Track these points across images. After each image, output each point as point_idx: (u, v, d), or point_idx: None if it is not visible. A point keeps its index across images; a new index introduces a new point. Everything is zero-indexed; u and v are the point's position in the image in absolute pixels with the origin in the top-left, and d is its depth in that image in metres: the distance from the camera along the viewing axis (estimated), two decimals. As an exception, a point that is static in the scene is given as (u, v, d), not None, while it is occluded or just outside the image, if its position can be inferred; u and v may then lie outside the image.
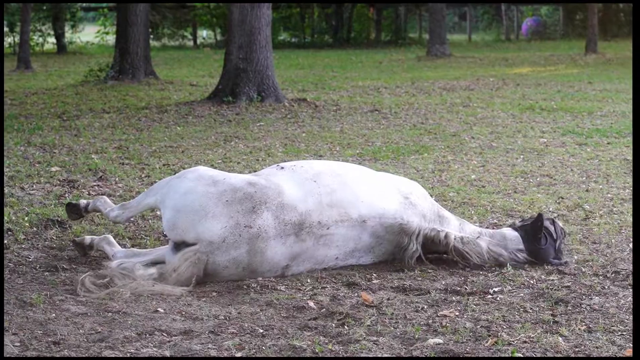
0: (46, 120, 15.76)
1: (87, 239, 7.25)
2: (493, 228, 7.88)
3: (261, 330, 5.53)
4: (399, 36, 49.95)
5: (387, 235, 6.93)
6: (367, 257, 6.97)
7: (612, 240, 7.67)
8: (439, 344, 5.26)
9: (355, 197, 6.85)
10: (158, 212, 7.82)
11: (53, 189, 9.76)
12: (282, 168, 7.01)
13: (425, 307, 6.01)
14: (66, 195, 9.42)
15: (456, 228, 7.17)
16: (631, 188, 9.70)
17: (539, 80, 23.95)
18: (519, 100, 18.98)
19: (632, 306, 5.89)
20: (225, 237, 6.47)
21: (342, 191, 6.83)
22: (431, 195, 7.69)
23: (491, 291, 6.31)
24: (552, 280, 6.58)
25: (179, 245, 6.58)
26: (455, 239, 7.00)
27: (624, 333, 5.44)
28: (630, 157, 11.56)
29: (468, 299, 6.14)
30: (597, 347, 5.20)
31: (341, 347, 5.23)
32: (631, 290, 6.26)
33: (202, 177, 6.74)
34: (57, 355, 5.05)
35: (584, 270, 6.82)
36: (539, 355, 5.07)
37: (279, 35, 49.67)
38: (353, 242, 6.85)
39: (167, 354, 5.05)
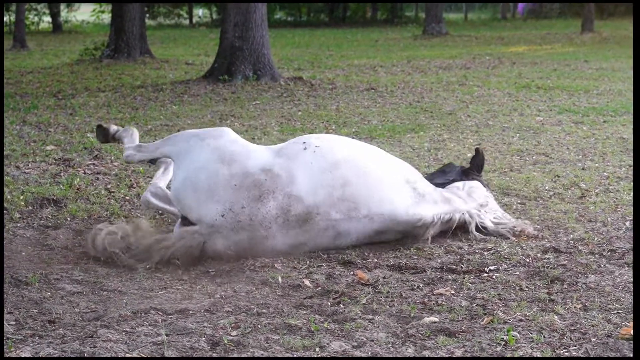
0: (42, 99, 15.73)
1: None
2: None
3: (256, 309, 5.52)
4: (395, 15, 49.91)
5: (397, 228, 6.86)
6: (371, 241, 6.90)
7: (608, 219, 7.67)
8: (435, 322, 5.26)
9: (367, 192, 6.68)
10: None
11: (48, 167, 9.74)
12: (305, 149, 6.72)
13: (421, 285, 6.01)
14: (62, 174, 9.41)
15: (465, 202, 7.23)
16: (627, 166, 9.70)
17: (535, 59, 23.91)
18: (515, 78, 18.95)
19: (631, 280, 5.90)
20: (226, 222, 6.42)
21: (356, 185, 6.64)
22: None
23: (487, 269, 6.31)
24: (548, 258, 6.57)
25: (185, 219, 6.61)
26: (479, 215, 7.16)
27: (620, 311, 5.44)
28: (626, 136, 11.56)
29: (464, 278, 6.14)
30: (592, 326, 5.20)
31: (337, 326, 5.22)
32: (627, 268, 6.27)
33: (221, 149, 6.62)
34: (53, 334, 5.04)
35: (580, 248, 6.82)
36: (534, 333, 5.07)
37: (275, 14, 49.59)
38: (356, 234, 6.74)
39: (163, 332, 5.04)
